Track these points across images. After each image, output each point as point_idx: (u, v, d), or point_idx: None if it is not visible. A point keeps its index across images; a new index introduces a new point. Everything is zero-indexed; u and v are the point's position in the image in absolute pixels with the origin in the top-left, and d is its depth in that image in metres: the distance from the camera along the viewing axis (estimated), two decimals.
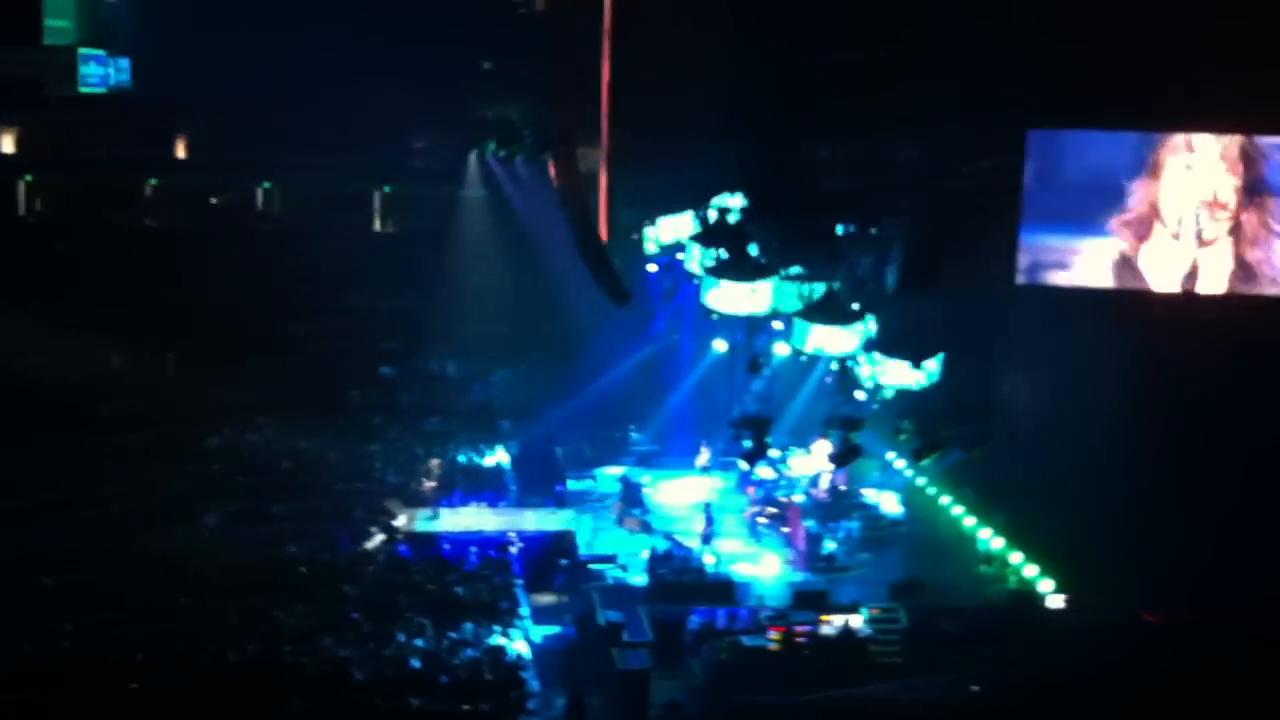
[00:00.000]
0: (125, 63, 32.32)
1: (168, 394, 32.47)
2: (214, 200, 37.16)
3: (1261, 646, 21.43)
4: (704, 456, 31.18)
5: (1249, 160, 24.78)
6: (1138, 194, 25.60)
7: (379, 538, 25.90)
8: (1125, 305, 26.11)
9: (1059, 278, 26.68)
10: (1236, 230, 24.95)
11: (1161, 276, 25.48)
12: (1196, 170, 25.11)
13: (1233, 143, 24.72)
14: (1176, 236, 25.30)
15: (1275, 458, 23.68)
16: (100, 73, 31.49)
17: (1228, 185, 24.86)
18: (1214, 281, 25.13)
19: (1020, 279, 27.12)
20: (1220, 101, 24.00)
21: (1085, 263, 26.22)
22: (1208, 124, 25.05)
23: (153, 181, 36.39)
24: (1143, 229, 25.63)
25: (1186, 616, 22.91)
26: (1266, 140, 24.65)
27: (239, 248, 35.58)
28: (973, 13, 23.81)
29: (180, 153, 37.00)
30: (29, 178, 34.26)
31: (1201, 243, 25.16)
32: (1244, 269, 25.02)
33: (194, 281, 34.11)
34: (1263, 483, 23.65)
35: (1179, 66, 23.31)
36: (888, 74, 24.51)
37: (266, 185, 36.62)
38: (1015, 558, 26.26)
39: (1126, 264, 25.86)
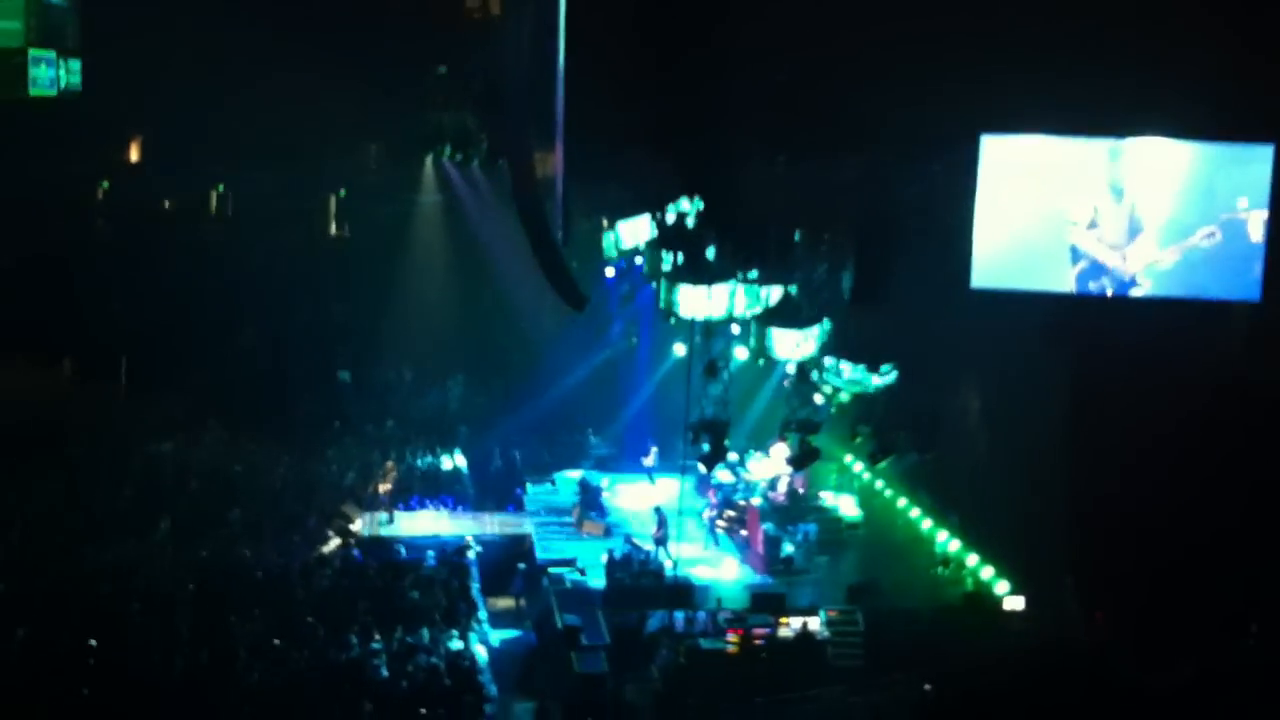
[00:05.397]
0: (76, 64, 31.85)
1: (117, 402, 32.10)
2: (166, 205, 36.77)
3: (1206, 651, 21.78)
4: (650, 458, 31.26)
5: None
6: (1088, 198, 25.92)
7: (334, 543, 25.73)
8: (1067, 311, 26.49)
9: (1013, 282, 26.95)
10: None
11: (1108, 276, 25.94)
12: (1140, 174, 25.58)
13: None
14: (1121, 240, 25.72)
15: (1211, 462, 24.01)
16: (50, 75, 30.99)
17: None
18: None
19: (974, 284, 27.36)
20: (1168, 106, 24.37)
21: (1039, 266, 26.51)
22: (1157, 129, 25.42)
23: (104, 185, 35.98)
24: (1094, 229, 25.98)
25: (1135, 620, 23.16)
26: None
27: (191, 253, 35.22)
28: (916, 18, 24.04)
29: (133, 156, 36.60)
30: None
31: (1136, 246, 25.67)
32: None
33: (145, 287, 33.72)
34: (1198, 486, 23.99)
35: (1128, 70, 23.61)
36: (836, 80, 24.66)
37: (220, 189, 36.28)
38: (971, 560, 26.47)
39: (1079, 265, 26.18)
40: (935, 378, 27.71)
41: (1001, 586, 25.27)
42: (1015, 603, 24.81)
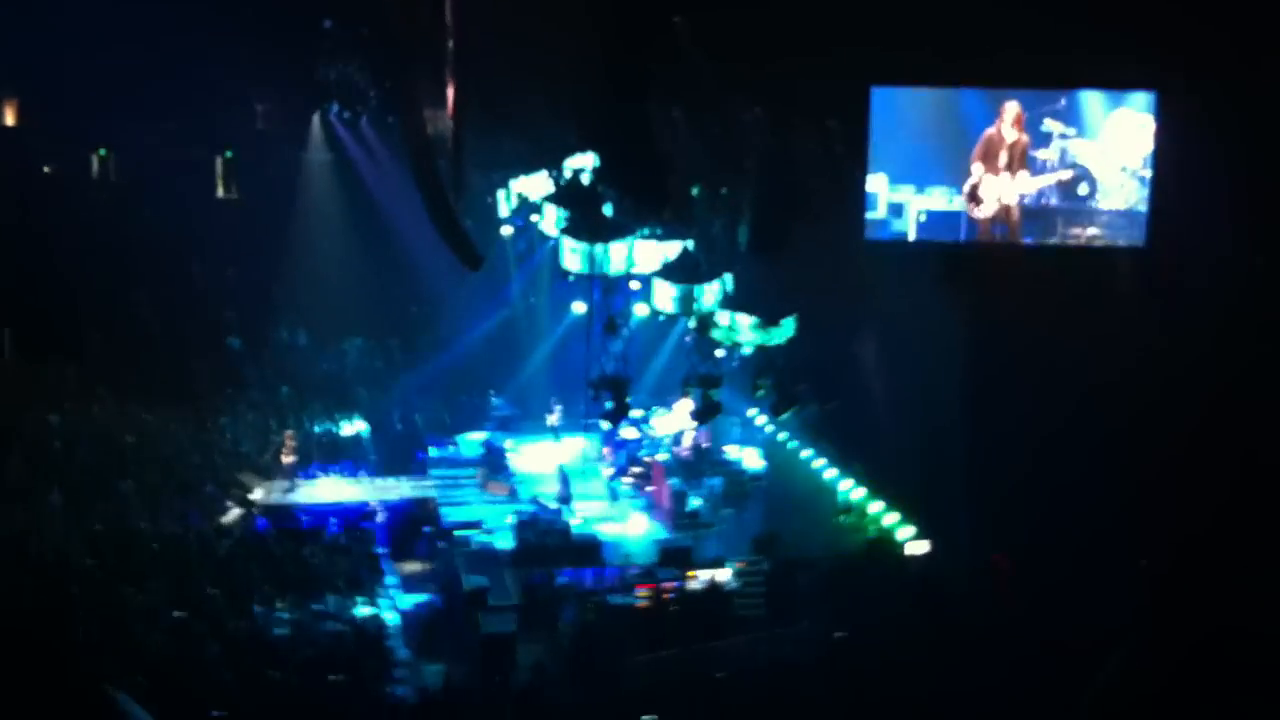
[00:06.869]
0: None
1: (2, 373, 31.13)
2: (46, 169, 35.57)
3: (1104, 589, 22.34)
4: (555, 416, 31.14)
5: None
6: (977, 147, 26.85)
7: (234, 512, 25.26)
8: (963, 259, 27.15)
9: (907, 231, 27.52)
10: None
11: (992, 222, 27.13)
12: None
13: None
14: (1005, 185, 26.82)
15: (1105, 403, 24.65)
16: None
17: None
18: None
19: (868, 235, 27.76)
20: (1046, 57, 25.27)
21: (930, 215, 27.25)
22: (1036, 80, 26.43)
23: None
24: (980, 179, 26.92)
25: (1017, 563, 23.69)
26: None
27: (74, 218, 34.13)
28: None
29: (9, 119, 35.33)
30: None
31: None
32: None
33: (27, 254, 32.62)
34: (1096, 429, 24.63)
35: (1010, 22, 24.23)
36: (733, 35, 24.68)
37: (102, 152, 35.17)
38: (874, 507, 26.85)
39: (969, 216, 27.00)
40: (833, 329, 28.04)
41: (905, 532, 25.65)
42: (919, 547, 25.21)
